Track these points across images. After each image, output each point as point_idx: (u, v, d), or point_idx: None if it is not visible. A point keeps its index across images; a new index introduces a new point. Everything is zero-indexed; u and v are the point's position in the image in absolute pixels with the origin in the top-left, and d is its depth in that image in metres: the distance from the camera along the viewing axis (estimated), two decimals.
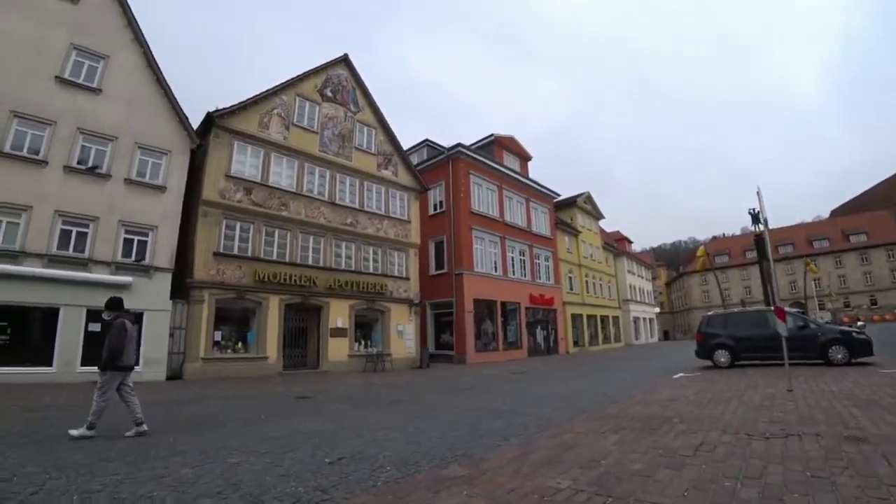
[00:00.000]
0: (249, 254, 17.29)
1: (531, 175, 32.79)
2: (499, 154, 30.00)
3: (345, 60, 21.41)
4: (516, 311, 28.29)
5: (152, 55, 16.43)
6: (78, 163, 14.78)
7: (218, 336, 16.47)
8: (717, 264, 67.90)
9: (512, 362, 23.96)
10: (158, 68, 16.48)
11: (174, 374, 15.41)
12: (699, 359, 15.63)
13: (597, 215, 42.77)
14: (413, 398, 11.21)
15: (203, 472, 4.60)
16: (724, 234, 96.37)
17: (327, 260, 19.36)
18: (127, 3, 16.23)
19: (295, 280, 18.08)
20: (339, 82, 21.13)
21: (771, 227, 12.98)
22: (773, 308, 15.14)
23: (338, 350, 19.10)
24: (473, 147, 28.01)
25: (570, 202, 38.91)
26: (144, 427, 6.58)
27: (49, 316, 13.88)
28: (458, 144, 25.99)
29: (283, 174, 18.69)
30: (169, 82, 16.75)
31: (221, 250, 16.68)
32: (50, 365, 13.65)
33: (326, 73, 20.77)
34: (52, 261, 13.99)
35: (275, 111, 18.75)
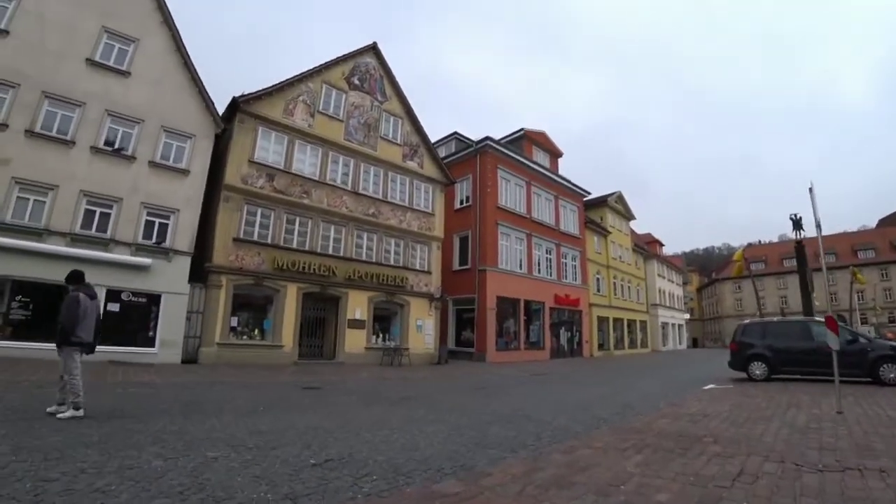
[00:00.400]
0: (269, 241, 16.99)
1: (561, 172, 31.63)
2: (528, 149, 29.03)
3: (373, 49, 20.93)
4: (540, 311, 27.32)
5: (181, 39, 16.33)
6: (105, 144, 14.73)
7: (234, 322, 16.26)
8: (753, 271, 64.71)
9: (533, 363, 23.06)
10: (186, 52, 16.36)
11: (190, 358, 15.30)
12: (732, 370, 14.52)
13: (628, 216, 41.11)
14: (423, 396, 10.63)
15: (175, 465, 4.17)
16: (759, 241, 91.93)
17: (348, 250, 18.89)
18: None
19: (314, 269, 17.69)
20: (366, 70, 20.63)
21: (812, 235, 11.66)
22: (818, 318, 13.89)
23: (354, 342, 18.66)
24: (503, 141, 27.08)
25: (601, 201, 37.49)
26: (82, 412, 6.06)
27: (47, 293, 13.38)
28: (487, 138, 25.19)
29: (306, 162, 18.32)
30: (197, 67, 16.56)
31: (241, 236, 16.42)
32: None
33: (354, 60, 20.31)
34: (75, 240, 14.02)
35: (300, 98, 18.37)
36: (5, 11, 13.91)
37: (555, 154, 31.42)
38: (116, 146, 14.87)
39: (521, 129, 28.85)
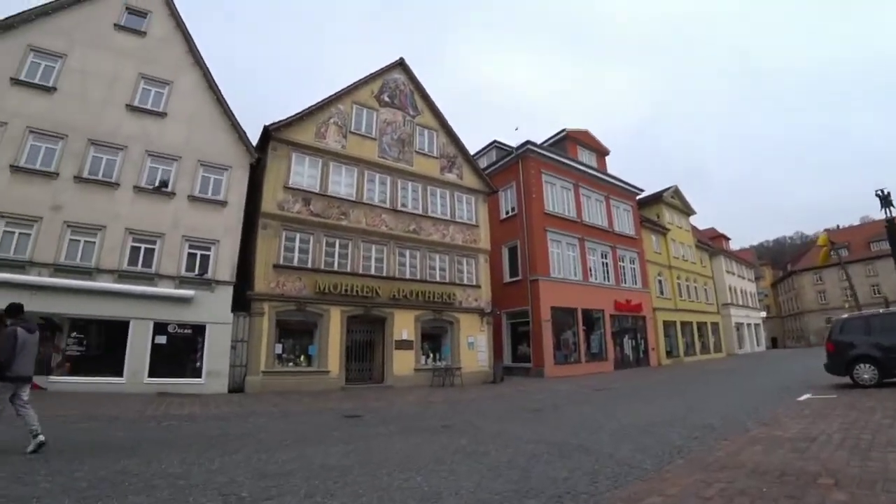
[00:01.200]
0: (310, 265, 16.19)
1: (610, 171, 29.22)
2: (572, 150, 26.94)
3: (401, 64, 20.01)
4: (600, 320, 24.85)
5: (212, 77, 16.20)
6: (149, 184, 14.67)
7: (279, 349, 15.47)
8: (842, 257, 57.45)
9: (595, 376, 20.75)
10: (217, 88, 16.22)
11: (237, 387, 14.59)
12: (831, 374, 11.90)
13: (687, 211, 37.48)
14: (467, 422, 9.10)
15: None
16: (837, 226, 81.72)
17: (390, 269, 17.79)
18: (187, 30, 16.16)
19: (357, 291, 16.68)
20: (396, 87, 19.74)
21: None
22: None
23: (403, 363, 17.35)
24: (544, 145, 25.32)
25: (656, 198, 34.30)
26: (42, 438, 5.74)
27: (119, 329, 13.68)
28: (527, 142, 23.48)
29: (342, 183, 17.51)
30: (228, 99, 16.37)
31: (281, 262, 15.73)
32: (120, 376, 13.43)
33: (383, 78, 19.48)
34: (122, 276, 13.86)
35: (331, 120, 17.69)
36: (52, 70, 14.32)
37: (601, 152, 29.05)
38: (158, 184, 14.80)
39: (563, 130, 26.85)
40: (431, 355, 18.64)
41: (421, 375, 17.50)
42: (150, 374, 13.77)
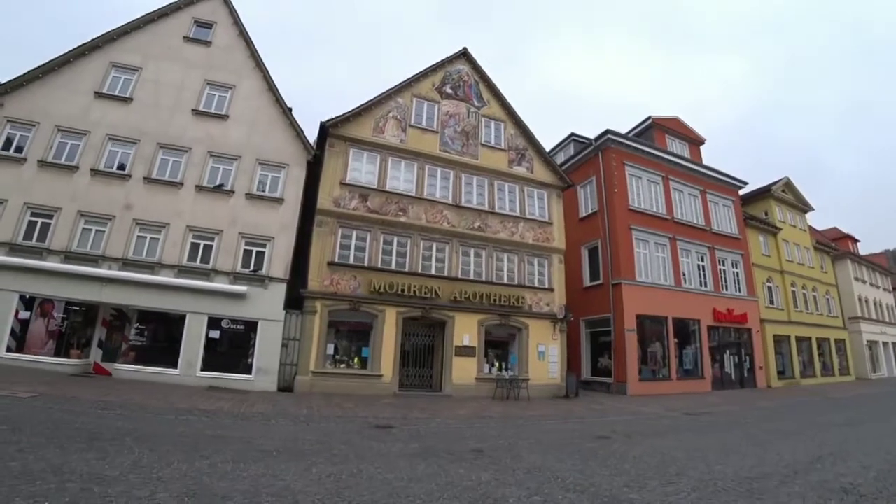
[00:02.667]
0: (365, 263, 14.35)
1: (706, 163, 24.31)
2: (660, 140, 22.44)
3: (464, 55, 17.61)
4: (695, 331, 20.19)
5: (271, 79, 15.16)
6: (216, 184, 14.03)
7: (331, 349, 13.74)
8: None
9: (688, 397, 16.53)
10: (277, 90, 15.14)
11: (286, 386, 13.09)
12: None
13: (802, 206, 30.33)
14: (507, 449, 6.73)
15: None
16: None
17: (452, 269, 15.39)
18: (249, 37, 15.32)
19: (414, 291, 14.52)
20: (459, 78, 17.40)
21: None
22: None
23: (463, 372, 14.75)
24: (629, 135, 21.53)
25: (763, 192, 27.93)
26: None
27: (177, 322, 12.94)
28: (607, 131, 19.76)
29: (401, 178, 15.55)
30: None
31: (336, 260, 14.08)
32: (175, 367, 12.64)
33: (445, 70, 17.23)
34: (182, 271, 13.08)
35: (390, 114, 15.82)
36: (130, 83, 14.17)
37: (695, 141, 23.95)
38: (217, 184, 14.10)
39: (648, 118, 22.43)
40: (496, 364, 15.76)
41: (483, 386, 14.76)
42: (203, 368, 12.81)
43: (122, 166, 13.48)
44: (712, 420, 11.42)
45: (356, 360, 14.08)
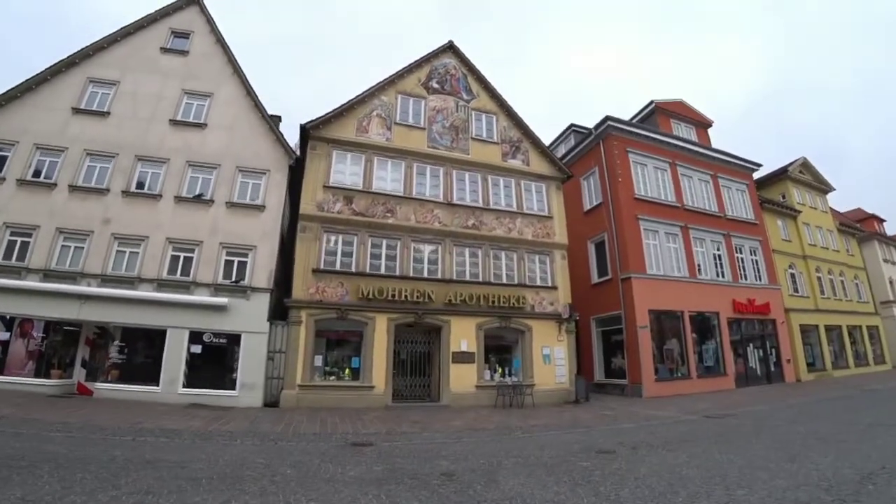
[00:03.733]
0: (353, 269, 12.98)
1: (715, 146, 22.08)
2: (665, 125, 20.36)
3: (451, 48, 16.11)
4: (715, 325, 18.08)
5: (249, 84, 13.99)
6: (195, 194, 13.00)
7: (319, 361, 12.37)
8: None
9: (710, 396, 14.48)
10: (255, 95, 13.96)
11: (273, 401, 11.76)
12: None
13: (822, 187, 27.38)
14: (486, 471, 5.43)
15: None
16: None
17: (446, 271, 13.86)
18: (227, 44, 14.25)
19: (406, 296, 13.07)
20: (446, 72, 15.89)
21: None
22: None
23: (462, 379, 13.14)
24: (632, 121, 19.70)
25: (779, 174, 25.25)
26: None
27: (159, 338, 11.78)
28: (607, 118, 17.85)
29: (388, 178, 14.13)
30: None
31: (322, 266, 12.77)
32: (157, 384, 11.47)
33: (430, 64, 15.76)
34: (161, 284, 11.94)
35: (374, 113, 14.46)
36: (107, 97, 13.21)
37: (702, 124, 21.67)
38: (197, 194, 12.95)
39: (651, 102, 20.35)
40: (499, 370, 14.12)
41: (484, 394, 13.11)
42: (187, 384, 11.62)
43: (100, 181, 12.59)
44: (736, 424, 9.56)
45: (347, 371, 12.70)
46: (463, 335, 13.46)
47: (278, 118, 16.03)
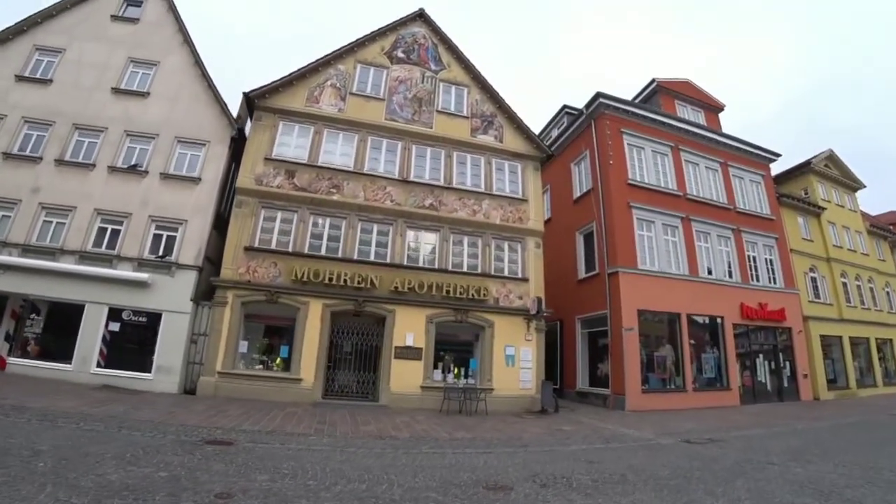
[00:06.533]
0: (290, 248, 10.47)
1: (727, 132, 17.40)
2: (668, 107, 16.26)
3: (420, 16, 13.12)
4: (717, 330, 14.06)
5: (198, 54, 11.70)
6: (131, 164, 10.87)
7: (244, 347, 9.86)
8: None
9: (707, 413, 10.79)
10: (203, 65, 11.60)
11: (192, 388, 9.43)
12: None
13: (851, 183, 21.89)
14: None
15: None
16: None
17: (396, 255, 10.97)
18: (178, 11, 11.98)
19: (345, 280, 10.29)
20: (413, 41, 12.92)
21: None
22: None
23: (406, 377, 10.22)
24: (635, 101, 15.99)
25: (801, 168, 20.14)
26: None
27: (75, 312, 9.67)
28: (598, 95, 14.20)
29: (337, 151, 11.35)
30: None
31: (256, 244, 10.20)
32: (69, 362, 9.40)
33: (397, 32, 12.84)
34: (83, 257, 9.80)
35: (328, 82, 11.75)
36: (52, 65, 11.21)
37: (711, 107, 17.31)
38: (132, 164, 10.75)
39: (653, 81, 16.31)
40: (454, 370, 11.16)
41: (430, 396, 10.04)
42: (100, 364, 9.47)
43: (35, 149, 10.67)
44: (714, 455, 6.27)
45: (278, 361, 10.16)
46: (409, 328, 10.54)
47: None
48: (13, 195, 10.17)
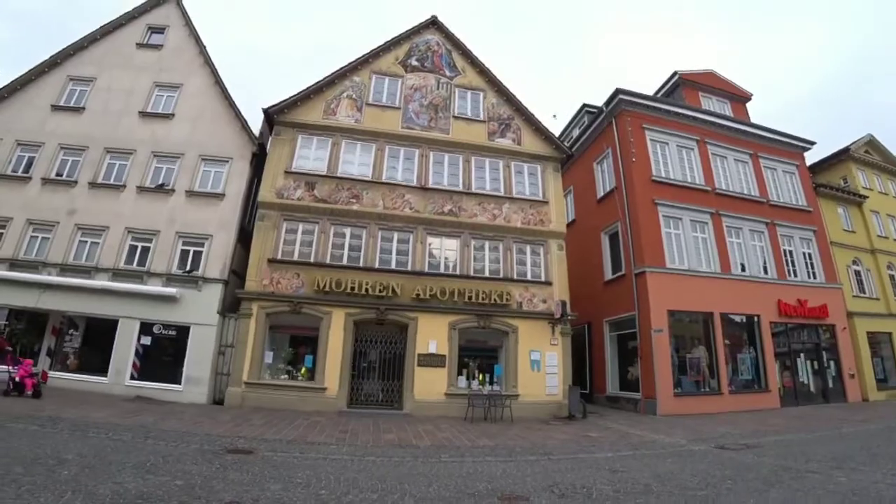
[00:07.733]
0: (312, 259, 10.48)
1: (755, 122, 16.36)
2: (692, 99, 15.63)
3: (434, 23, 13.05)
4: (753, 329, 13.28)
5: (218, 74, 12.03)
6: (158, 183, 11.21)
7: (269, 357, 9.95)
8: None
9: (745, 416, 10.17)
10: (223, 84, 11.92)
11: (221, 398, 9.60)
12: None
13: (894, 169, 20.48)
14: None
15: None
16: None
17: (417, 262, 10.86)
18: (199, 36, 12.38)
19: (367, 289, 10.25)
20: (427, 48, 12.86)
21: None
22: None
23: (430, 385, 10.07)
24: (657, 96, 15.35)
25: (839, 155, 18.91)
26: None
27: (110, 327, 10.02)
28: (618, 91, 13.74)
29: (355, 162, 11.38)
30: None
31: (279, 256, 10.30)
32: (105, 375, 9.72)
33: (411, 41, 12.81)
34: (116, 274, 10.19)
35: (344, 94, 11.83)
36: (85, 94, 11.77)
37: (738, 98, 16.50)
38: (160, 183, 11.08)
39: (675, 74, 15.68)
40: (479, 377, 10.88)
41: (455, 403, 9.85)
42: (133, 377, 9.77)
43: (70, 174, 11.13)
44: (749, 463, 5.83)
45: (303, 370, 10.18)
46: (432, 335, 10.39)
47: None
48: (52, 218, 10.65)
